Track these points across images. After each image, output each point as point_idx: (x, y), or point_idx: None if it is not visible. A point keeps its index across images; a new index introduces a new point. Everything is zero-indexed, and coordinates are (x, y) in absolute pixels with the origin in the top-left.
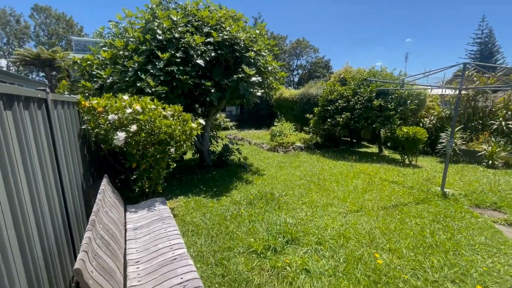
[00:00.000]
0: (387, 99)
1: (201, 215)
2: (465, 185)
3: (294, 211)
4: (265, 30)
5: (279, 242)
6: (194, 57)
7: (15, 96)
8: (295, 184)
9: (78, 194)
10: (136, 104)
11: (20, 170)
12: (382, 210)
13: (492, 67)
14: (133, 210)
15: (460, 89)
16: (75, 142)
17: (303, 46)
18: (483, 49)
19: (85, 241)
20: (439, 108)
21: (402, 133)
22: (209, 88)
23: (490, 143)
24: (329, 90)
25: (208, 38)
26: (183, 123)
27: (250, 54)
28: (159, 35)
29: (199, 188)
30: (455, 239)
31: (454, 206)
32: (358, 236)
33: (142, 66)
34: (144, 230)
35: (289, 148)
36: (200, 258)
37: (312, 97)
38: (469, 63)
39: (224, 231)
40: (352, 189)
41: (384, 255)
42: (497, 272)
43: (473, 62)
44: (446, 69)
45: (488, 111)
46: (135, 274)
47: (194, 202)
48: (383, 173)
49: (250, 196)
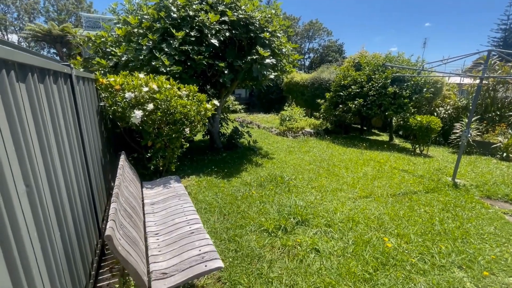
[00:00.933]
0: (402, 87)
1: (213, 194)
2: (477, 176)
3: (303, 194)
4: (280, 10)
5: (290, 223)
6: (208, 37)
7: (46, 70)
8: (304, 169)
9: (98, 167)
10: (153, 83)
11: (52, 142)
12: (391, 197)
13: None
14: (149, 186)
15: (482, 77)
16: (94, 118)
17: (316, 29)
18: (508, 36)
19: (112, 211)
20: (455, 98)
21: (416, 122)
22: (222, 69)
23: (507, 135)
24: (343, 75)
25: (222, 16)
26: (198, 103)
27: (265, 35)
28: (174, 13)
29: (210, 169)
30: (464, 227)
31: (464, 196)
32: (367, 220)
33: (156, 45)
34: (161, 205)
35: (298, 133)
36: (213, 234)
37: (324, 82)
38: (494, 50)
39: (236, 210)
40: (362, 175)
41: (392, 240)
42: (504, 260)
43: (497, 49)
44: (468, 56)
45: (507, 102)
46: (155, 245)
47: (206, 181)
48: (393, 161)
49: (260, 178)
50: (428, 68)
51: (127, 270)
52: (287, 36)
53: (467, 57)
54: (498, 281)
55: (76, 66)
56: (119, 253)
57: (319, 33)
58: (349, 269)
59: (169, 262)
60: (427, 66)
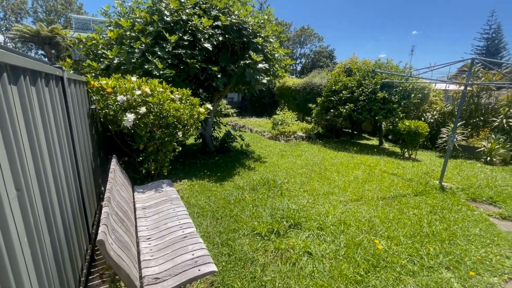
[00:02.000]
0: (391, 92)
1: (206, 198)
2: (463, 180)
3: (296, 198)
4: (273, 16)
5: (282, 226)
6: (201, 41)
7: (37, 72)
8: (296, 173)
9: (89, 171)
10: (145, 86)
11: (43, 145)
12: (381, 200)
13: (498, 64)
14: (140, 190)
15: (466, 84)
16: (85, 121)
17: (308, 34)
18: (490, 45)
19: (103, 215)
20: (442, 103)
21: (404, 127)
22: (215, 73)
23: (490, 140)
24: (334, 80)
25: (216, 21)
26: (191, 107)
27: (258, 40)
28: (167, 17)
29: (202, 173)
30: (451, 229)
31: (451, 199)
32: (358, 223)
33: (149, 48)
34: (153, 210)
35: (290, 137)
36: (206, 238)
37: (315, 86)
38: (477, 58)
39: (229, 214)
40: (353, 179)
41: (382, 242)
42: (489, 261)
43: (480, 57)
44: (453, 64)
45: (490, 108)
46: (147, 250)
47: (198, 185)
48: (383, 165)
49: (253, 182)
50: (415, 75)
51: (119, 275)
52: (279, 41)
53: (452, 65)
54: (483, 281)
55: (66, 68)
56: (111, 258)
57: (310, 38)
58: (341, 271)
59: (161, 267)
60: (414, 73)
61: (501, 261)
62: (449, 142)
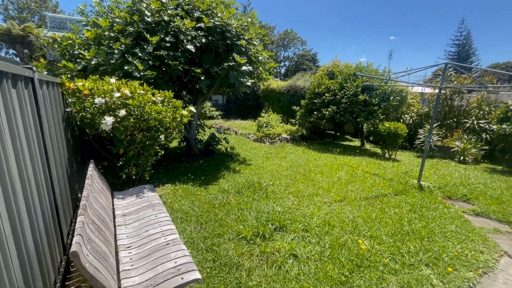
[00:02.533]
0: (371, 95)
1: (190, 203)
2: (439, 179)
3: (281, 200)
4: (256, 19)
5: (268, 229)
6: (184, 42)
7: (3, 73)
8: (281, 175)
9: (63, 178)
10: (125, 88)
11: (9, 151)
12: (364, 200)
13: (468, 68)
14: (120, 196)
15: (440, 87)
16: (59, 125)
17: (291, 38)
18: (461, 50)
19: (78, 225)
20: (418, 105)
21: (384, 128)
22: (198, 75)
23: (463, 140)
24: (317, 83)
25: (199, 23)
26: (174, 110)
27: (242, 42)
28: (148, 17)
29: (186, 176)
30: (430, 227)
31: (429, 197)
32: (342, 224)
33: (129, 49)
34: (134, 217)
35: (275, 139)
36: (190, 244)
37: (299, 89)
38: (450, 63)
39: (213, 219)
40: (336, 180)
41: (366, 242)
42: (465, 256)
43: (452, 62)
44: (428, 68)
45: (462, 110)
46: (127, 259)
47: (182, 190)
48: (365, 165)
49: (238, 185)
50: (394, 78)
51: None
52: (263, 44)
53: (427, 69)
54: (460, 276)
55: (39, 69)
56: (86, 271)
57: (294, 42)
58: (326, 272)
59: (142, 277)
60: (393, 76)
61: (475, 256)
62: (426, 143)
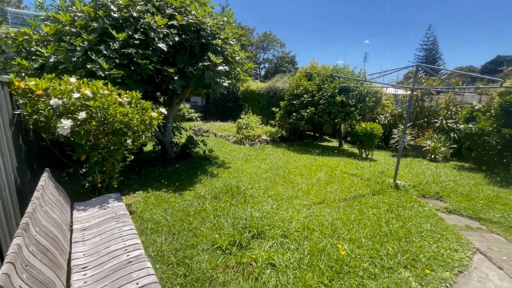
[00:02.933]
0: (348, 96)
1: (162, 211)
2: (413, 177)
3: (260, 204)
4: (233, 18)
5: (245, 237)
6: (155, 40)
7: None
8: (261, 177)
9: (10, 191)
10: (85, 88)
11: None
12: (343, 201)
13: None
14: (81, 208)
15: (412, 89)
16: (5, 129)
17: (270, 40)
18: (428, 55)
19: (12, 250)
20: (392, 106)
21: (361, 129)
22: (172, 75)
23: (433, 139)
24: (295, 85)
25: (171, 20)
26: (142, 111)
27: (217, 41)
28: (114, 12)
29: (160, 182)
30: (406, 227)
31: (405, 196)
32: (321, 227)
33: (93, 46)
34: (95, 231)
35: (255, 141)
36: (160, 258)
37: (278, 90)
38: (421, 65)
39: (187, 228)
40: (315, 181)
41: (345, 245)
42: (441, 256)
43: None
44: (401, 69)
45: (432, 110)
46: (81, 283)
47: (155, 197)
48: (343, 166)
49: (216, 190)
50: (369, 79)
51: None
52: (240, 44)
53: (400, 70)
54: (437, 277)
55: None
56: None
57: (273, 44)
58: (305, 282)
59: None
60: (368, 77)
61: (451, 255)
62: (400, 143)
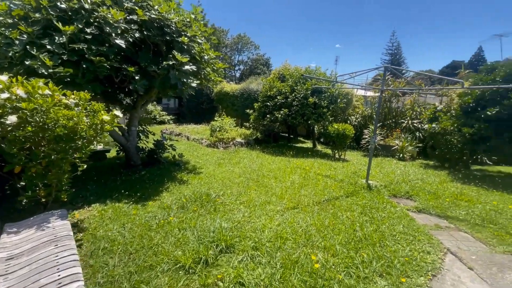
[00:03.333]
0: (320, 97)
1: (120, 227)
2: (384, 177)
3: (231, 213)
4: (201, 16)
5: (212, 252)
6: (111, 36)
7: None
8: (233, 182)
9: None
10: (17, 87)
11: None
12: (317, 205)
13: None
14: (13, 230)
15: (382, 90)
16: None
17: (244, 42)
18: (393, 59)
19: None
20: (362, 108)
21: (333, 130)
22: (132, 74)
23: (401, 139)
24: (269, 86)
25: (131, 15)
26: (92, 114)
27: (183, 39)
28: (61, 3)
29: (121, 193)
30: (380, 230)
31: (377, 197)
32: (295, 235)
33: (35, 40)
34: (24, 260)
35: (229, 143)
36: (110, 284)
37: (252, 92)
38: (388, 66)
39: (147, 245)
40: (290, 184)
41: (319, 255)
42: (415, 260)
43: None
44: (370, 70)
45: (399, 111)
46: None
47: (113, 210)
48: (317, 167)
49: (183, 198)
50: (341, 80)
51: None
52: (210, 43)
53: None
54: (413, 284)
55: None
56: None
57: (247, 46)
58: None
59: None
60: (339, 78)
61: (424, 258)
62: (371, 144)
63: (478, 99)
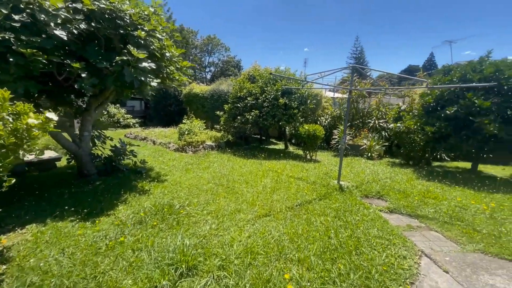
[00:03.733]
0: (290, 98)
1: (58, 252)
2: (355, 177)
3: (196, 226)
4: (161, 9)
5: (170, 278)
6: (50, 26)
7: None
8: (201, 190)
9: None
10: None
11: None
12: (290, 210)
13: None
14: None
15: (350, 90)
16: None
17: (215, 44)
18: (357, 62)
19: None
20: (331, 108)
21: (304, 131)
22: (77, 71)
23: (369, 138)
24: (239, 87)
25: (75, 3)
26: (15, 117)
27: (139, 33)
28: None
29: (66, 209)
30: (355, 235)
31: (350, 199)
32: (267, 248)
33: None
34: None
35: (199, 147)
36: None
37: (223, 93)
38: (356, 65)
39: (90, 275)
40: (261, 189)
41: (294, 269)
42: (392, 267)
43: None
44: (339, 70)
45: (366, 111)
46: None
47: (53, 231)
48: (289, 169)
49: (141, 212)
50: (310, 80)
51: None
52: (173, 40)
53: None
54: None
55: None
56: None
57: (218, 48)
58: None
59: None
60: (308, 79)
61: (400, 264)
62: (341, 144)
63: (438, 99)
